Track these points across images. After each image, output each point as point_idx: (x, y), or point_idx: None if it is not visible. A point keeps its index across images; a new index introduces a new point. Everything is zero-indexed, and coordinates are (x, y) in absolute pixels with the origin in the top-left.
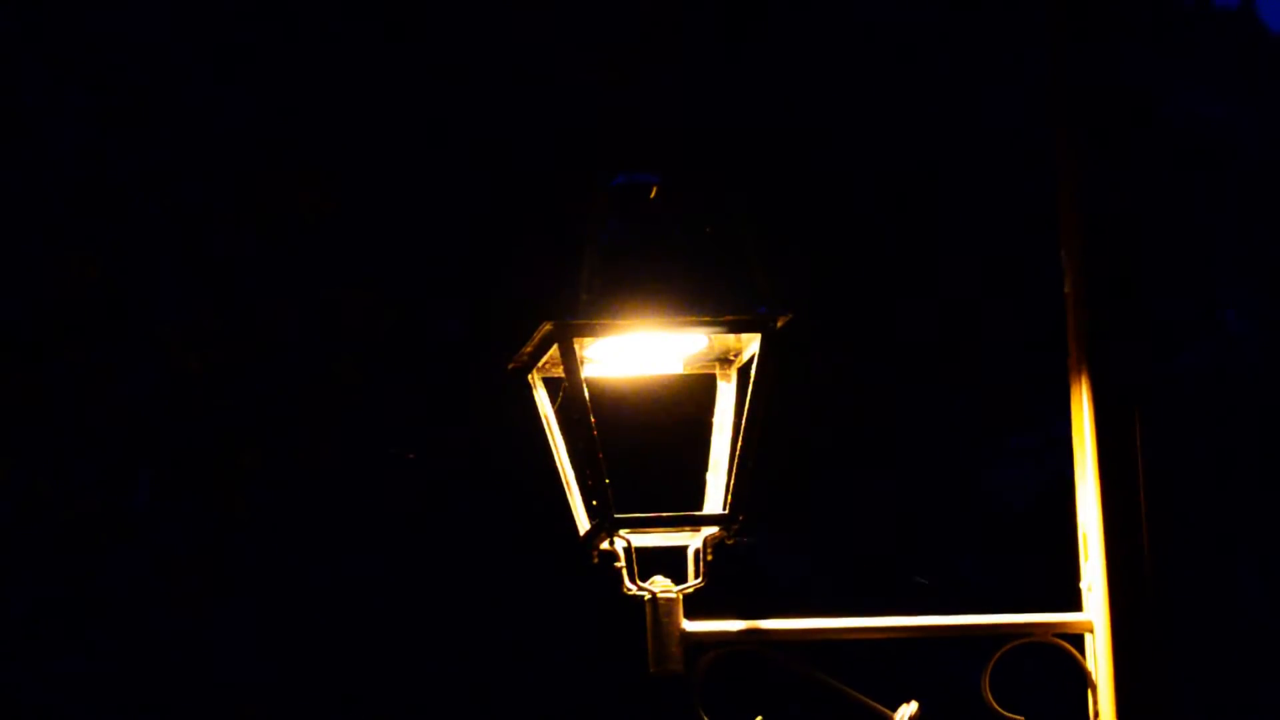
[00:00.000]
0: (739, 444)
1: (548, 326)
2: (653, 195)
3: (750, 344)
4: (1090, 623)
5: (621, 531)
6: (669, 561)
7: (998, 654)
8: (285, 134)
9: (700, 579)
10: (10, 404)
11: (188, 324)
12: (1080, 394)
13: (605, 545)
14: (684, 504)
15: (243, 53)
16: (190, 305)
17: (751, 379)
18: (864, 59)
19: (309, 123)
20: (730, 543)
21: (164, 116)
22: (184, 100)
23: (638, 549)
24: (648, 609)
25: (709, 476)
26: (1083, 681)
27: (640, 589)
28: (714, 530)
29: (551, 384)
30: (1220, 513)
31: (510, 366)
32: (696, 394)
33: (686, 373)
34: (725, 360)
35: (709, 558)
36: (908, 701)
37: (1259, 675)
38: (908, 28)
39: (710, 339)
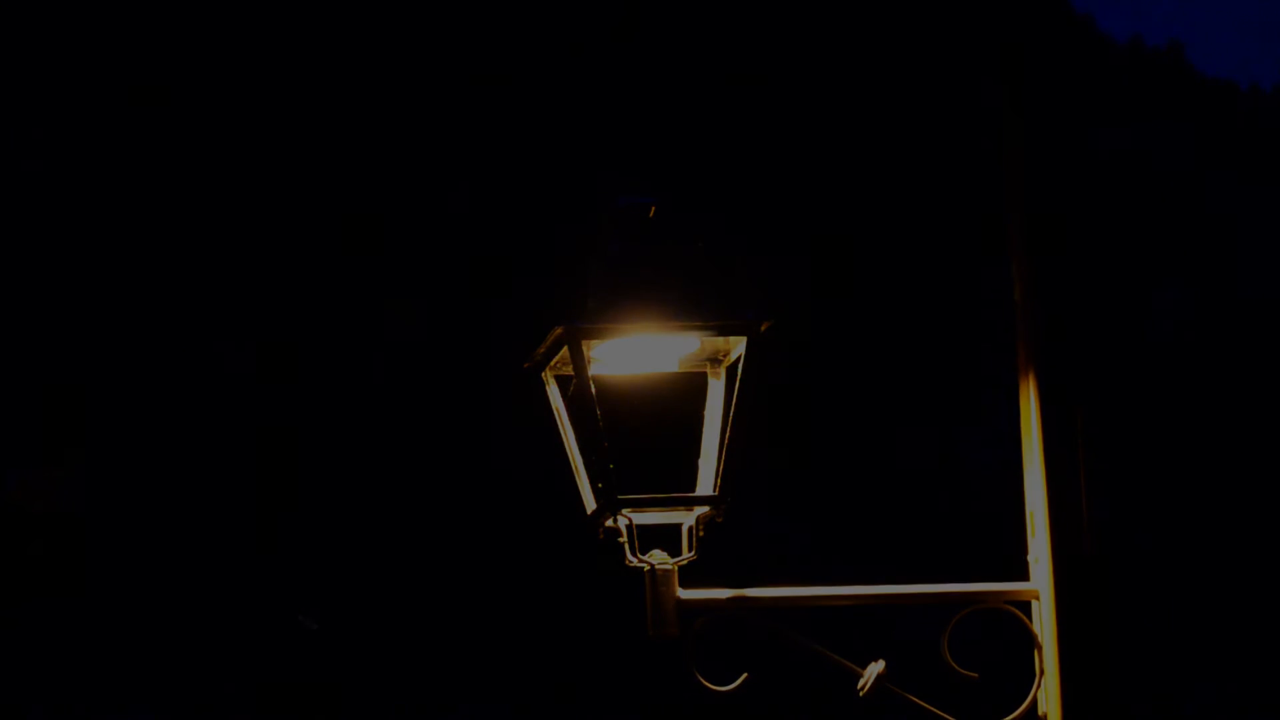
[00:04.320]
0: (727, 433)
1: (559, 330)
2: (652, 214)
3: (737, 346)
4: (1036, 591)
5: (624, 510)
6: (666, 537)
7: (955, 618)
8: (328, 169)
9: (693, 552)
10: (87, 402)
11: (242, 335)
12: (1028, 390)
13: (609, 523)
14: (679, 486)
15: (290, 105)
16: (246, 317)
17: (738, 376)
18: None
19: (352, 157)
20: (720, 520)
21: (222, 158)
22: (240, 141)
23: (638, 526)
24: (647, 579)
25: (700, 462)
26: (1030, 642)
27: (640, 561)
28: (705, 509)
29: (562, 381)
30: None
31: (526, 366)
32: (690, 390)
33: (681, 371)
34: (715, 360)
35: (701, 534)
36: (876, 660)
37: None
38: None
39: (702, 341)
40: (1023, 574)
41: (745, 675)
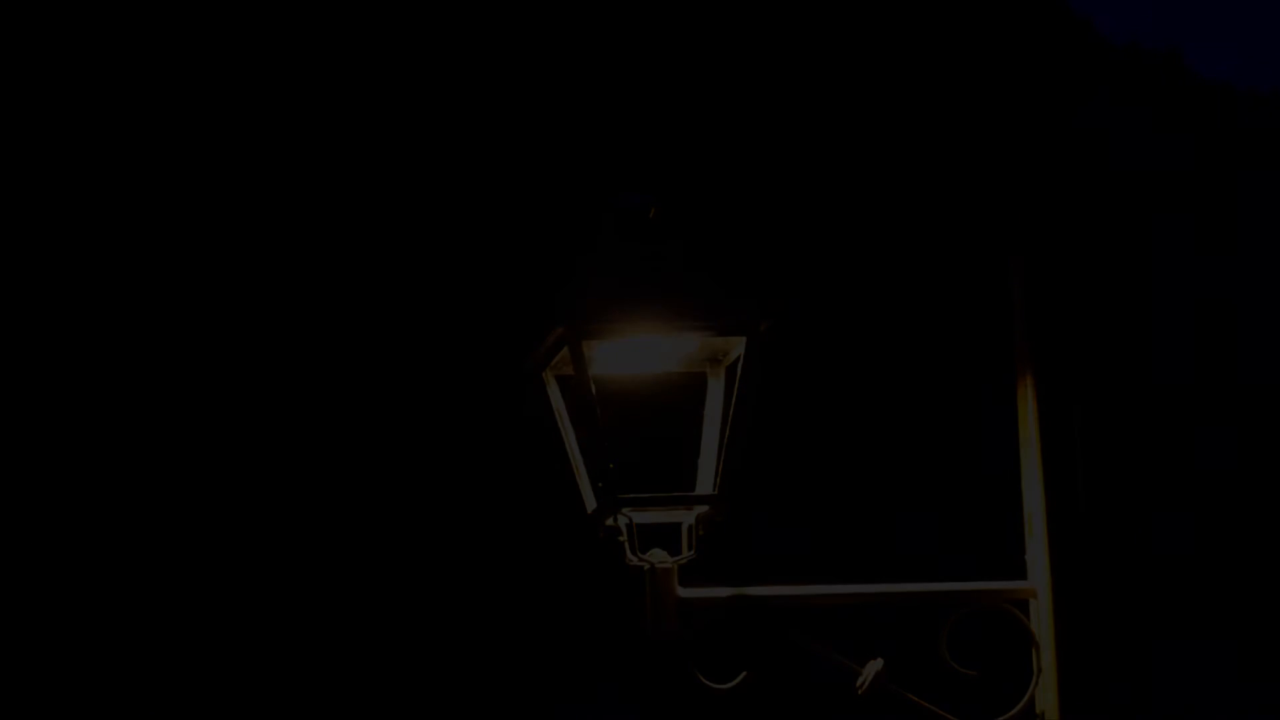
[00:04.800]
0: (726, 433)
1: (559, 330)
2: (651, 214)
3: (737, 346)
4: (1034, 589)
5: (624, 510)
6: (666, 537)
7: (954, 617)
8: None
9: (692, 551)
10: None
11: (237, 334)
12: (1025, 390)
13: (610, 522)
14: (679, 486)
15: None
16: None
17: (738, 377)
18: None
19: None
20: (720, 519)
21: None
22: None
23: (638, 525)
24: (646, 578)
25: (700, 462)
26: (1028, 641)
27: (640, 560)
28: (705, 508)
29: (562, 381)
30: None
31: (526, 365)
32: (690, 390)
33: (681, 371)
34: (715, 360)
35: (700, 533)
36: (874, 658)
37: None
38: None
39: (702, 341)
40: (1021, 573)
41: (745, 674)
